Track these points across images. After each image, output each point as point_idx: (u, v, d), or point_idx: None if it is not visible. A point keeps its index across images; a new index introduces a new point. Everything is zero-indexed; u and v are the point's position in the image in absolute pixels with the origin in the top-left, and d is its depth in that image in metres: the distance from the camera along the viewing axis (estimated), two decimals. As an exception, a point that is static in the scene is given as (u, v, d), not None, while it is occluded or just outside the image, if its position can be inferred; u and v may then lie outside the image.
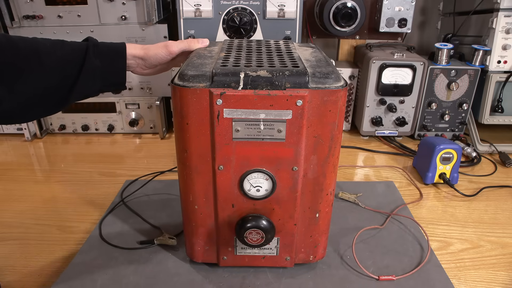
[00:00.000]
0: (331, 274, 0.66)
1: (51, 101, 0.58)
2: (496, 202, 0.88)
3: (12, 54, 0.53)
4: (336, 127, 0.53)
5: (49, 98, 0.58)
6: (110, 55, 0.63)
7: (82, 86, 0.59)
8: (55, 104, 0.59)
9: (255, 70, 0.51)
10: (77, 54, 0.59)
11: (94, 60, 0.60)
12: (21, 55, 0.54)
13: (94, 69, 0.60)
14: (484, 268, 0.69)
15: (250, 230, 0.57)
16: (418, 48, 1.45)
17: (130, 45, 0.67)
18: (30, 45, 0.55)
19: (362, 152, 1.13)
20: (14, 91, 0.53)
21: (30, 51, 0.55)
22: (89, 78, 0.60)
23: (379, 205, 0.85)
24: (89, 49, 0.60)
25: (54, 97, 0.58)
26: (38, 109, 0.58)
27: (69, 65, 0.58)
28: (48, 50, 0.57)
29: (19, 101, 0.54)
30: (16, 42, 0.54)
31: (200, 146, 0.54)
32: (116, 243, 0.72)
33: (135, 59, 0.67)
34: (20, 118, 0.58)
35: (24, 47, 0.54)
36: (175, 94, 0.52)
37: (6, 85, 0.52)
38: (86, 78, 0.59)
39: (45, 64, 0.55)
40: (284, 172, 0.55)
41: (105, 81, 0.63)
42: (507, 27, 1.04)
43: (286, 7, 1.06)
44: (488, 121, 1.14)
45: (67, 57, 0.58)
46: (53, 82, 0.57)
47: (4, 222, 0.81)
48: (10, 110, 0.54)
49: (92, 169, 1.02)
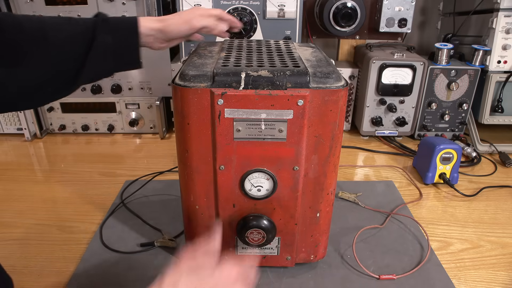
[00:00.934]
0: (331, 274, 0.66)
1: (59, 83, 0.54)
2: (496, 202, 0.88)
3: (17, 34, 0.50)
4: (337, 127, 0.53)
5: (57, 79, 0.54)
6: (121, 30, 0.58)
7: (93, 65, 0.55)
8: (64, 87, 0.55)
9: (256, 70, 0.51)
10: (85, 30, 0.55)
11: (104, 36, 0.55)
12: (26, 35, 0.50)
13: (105, 46, 0.56)
14: (484, 268, 0.69)
15: (251, 230, 0.57)
16: (418, 48, 1.45)
17: (144, 18, 0.61)
18: (36, 24, 0.52)
19: (362, 152, 1.14)
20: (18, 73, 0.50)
21: (36, 29, 0.51)
22: (100, 56, 0.55)
23: (379, 205, 0.85)
24: (98, 24, 0.56)
25: (62, 78, 0.54)
26: (45, 92, 0.54)
27: (77, 42, 0.54)
28: (54, 27, 0.53)
29: (24, 84, 0.51)
30: (21, 21, 0.51)
31: (201, 146, 0.54)
32: (117, 247, 0.72)
33: (153, 32, 0.61)
34: (26, 103, 0.54)
35: (29, 26, 0.51)
36: (176, 94, 0.52)
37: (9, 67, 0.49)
38: (96, 56, 0.55)
39: (52, 43, 0.52)
40: (285, 172, 0.55)
41: (118, 59, 0.58)
42: (507, 27, 1.04)
43: (286, 7, 1.07)
44: (488, 121, 1.14)
45: (75, 34, 0.54)
46: (60, 62, 0.53)
47: (4, 222, 0.81)
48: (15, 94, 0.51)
49: (92, 169, 1.02)
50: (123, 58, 0.59)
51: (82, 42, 0.54)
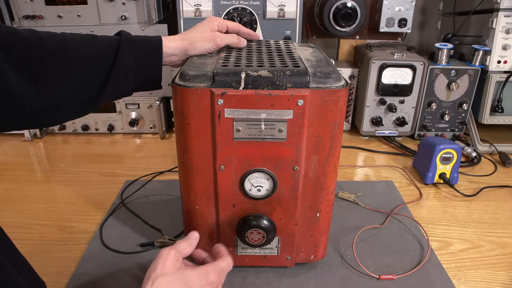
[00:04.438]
0: (331, 274, 0.66)
1: (79, 102, 0.54)
2: (496, 202, 0.88)
3: (40, 51, 0.49)
4: (337, 127, 0.53)
5: (78, 98, 0.53)
6: (144, 51, 0.57)
7: (114, 85, 0.54)
8: (84, 105, 0.55)
9: (256, 70, 0.51)
10: (108, 50, 0.54)
11: (127, 56, 0.55)
12: (49, 52, 0.50)
13: (128, 66, 0.55)
14: (484, 268, 0.69)
15: (251, 230, 0.57)
16: (418, 48, 1.45)
17: (168, 38, 0.59)
18: (58, 42, 0.51)
19: (362, 152, 1.14)
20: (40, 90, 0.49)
21: (58, 47, 0.51)
22: (122, 76, 0.55)
23: (379, 205, 0.85)
24: (121, 44, 0.55)
25: (83, 97, 0.53)
26: (65, 111, 0.53)
27: (99, 62, 0.53)
28: (76, 46, 0.52)
29: (46, 101, 0.50)
30: (43, 39, 0.50)
31: (201, 146, 0.54)
32: (117, 247, 0.72)
33: (177, 52, 0.60)
34: (47, 121, 0.53)
35: (52, 44, 0.50)
36: (176, 94, 0.52)
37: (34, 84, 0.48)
38: (118, 76, 0.54)
39: (74, 62, 0.51)
40: (285, 172, 0.55)
41: (139, 79, 0.58)
42: (507, 27, 1.04)
43: (286, 7, 1.06)
44: (488, 121, 1.14)
45: (97, 54, 0.53)
46: (82, 81, 0.52)
47: (4, 222, 0.80)
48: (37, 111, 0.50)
49: (92, 169, 1.02)
50: (145, 79, 0.59)
51: (105, 62, 0.54)
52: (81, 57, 0.52)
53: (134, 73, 0.57)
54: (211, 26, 0.63)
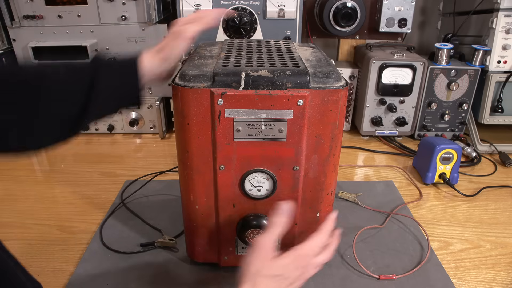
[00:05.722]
0: (332, 274, 0.66)
1: (60, 129, 0.54)
2: (496, 202, 0.88)
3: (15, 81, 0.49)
4: (336, 127, 0.53)
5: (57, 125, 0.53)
6: (120, 74, 0.56)
7: (94, 109, 0.54)
8: (66, 131, 0.54)
9: (256, 70, 0.51)
10: (84, 77, 0.54)
11: (104, 81, 0.55)
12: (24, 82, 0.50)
13: (105, 90, 0.54)
14: (484, 268, 0.69)
15: (251, 230, 0.57)
16: (418, 48, 1.45)
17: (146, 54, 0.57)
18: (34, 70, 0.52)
19: (362, 152, 1.14)
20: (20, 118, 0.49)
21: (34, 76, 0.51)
22: (101, 100, 0.54)
23: (379, 205, 0.85)
24: (97, 69, 0.54)
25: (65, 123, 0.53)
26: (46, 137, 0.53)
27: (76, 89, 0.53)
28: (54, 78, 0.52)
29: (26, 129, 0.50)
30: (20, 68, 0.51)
31: (201, 146, 0.54)
32: (117, 247, 0.72)
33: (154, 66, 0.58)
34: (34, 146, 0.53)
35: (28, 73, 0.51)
36: (176, 94, 0.52)
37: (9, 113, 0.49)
38: (97, 101, 0.54)
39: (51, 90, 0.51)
40: (285, 172, 0.55)
41: (120, 100, 0.57)
42: (507, 27, 1.04)
43: (286, 7, 1.06)
44: (488, 121, 1.14)
45: (73, 81, 0.53)
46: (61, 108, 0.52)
47: (4, 222, 0.81)
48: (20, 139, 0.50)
49: (92, 169, 1.02)
50: (125, 99, 0.58)
51: (81, 89, 0.53)
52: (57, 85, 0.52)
53: (112, 95, 0.56)
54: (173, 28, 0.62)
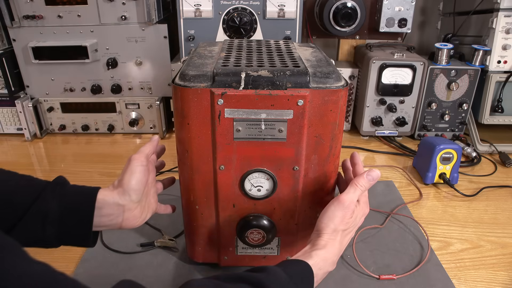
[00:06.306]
0: (332, 274, 0.65)
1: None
2: (496, 202, 0.88)
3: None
4: (336, 127, 0.53)
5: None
6: (74, 198, 0.50)
7: (23, 230, 0.47)
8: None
9: (256, 70, 0.51)
10: (29, 191, 0.48)
11: (49, 201, 0.48)
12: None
13: (46, 211, 0.48)
14: (484, 268, 0.69)
15: (251, 230, 0.57)
16: (418, 48, 1.45)
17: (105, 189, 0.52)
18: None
19: (362, 152, 1.13)
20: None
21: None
22: (35, 221, 0.47)
23: (378, 205, 0.85)
24: (47, 187, 0.49)
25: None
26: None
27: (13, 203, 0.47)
28: None
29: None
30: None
31: (201, 146, 0.54)
32: (117, 247, 0.72)
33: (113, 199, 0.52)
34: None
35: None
36: (176, 94, 0.52)
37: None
38: (31, 220, 0.47)
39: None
40: (285, 172, 0.55)
41: (63, 229, 0.49)
42: (507, 27, 1.04)
43: (286, 7, 1.06)
44: (488, 121, 1.14)
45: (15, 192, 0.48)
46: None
47: (4, 222, 0.80)
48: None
49: (92, 169, 1.02)
50: (73, 231, 0.50)
51: (19, 203, 0.47)
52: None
53: (52, 220, 0.48)
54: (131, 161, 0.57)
